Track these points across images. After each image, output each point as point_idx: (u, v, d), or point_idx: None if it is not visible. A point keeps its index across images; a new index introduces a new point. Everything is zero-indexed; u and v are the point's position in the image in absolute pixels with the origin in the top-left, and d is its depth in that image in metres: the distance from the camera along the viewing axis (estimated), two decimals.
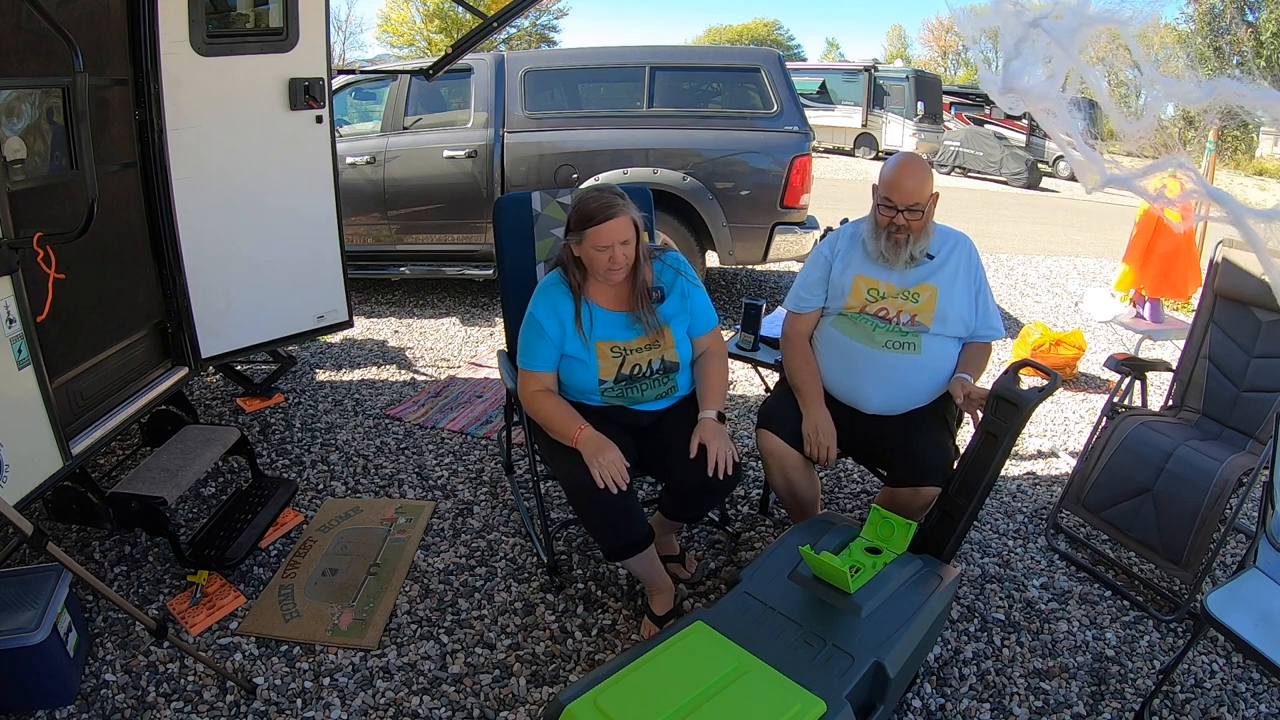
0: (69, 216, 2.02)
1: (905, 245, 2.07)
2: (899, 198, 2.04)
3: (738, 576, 1.73)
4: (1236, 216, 1.30)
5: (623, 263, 1.96)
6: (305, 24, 2.95)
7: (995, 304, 2.18)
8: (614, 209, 1.91)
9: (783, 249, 4.59)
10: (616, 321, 2.05)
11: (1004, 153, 14.24)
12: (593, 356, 2.03)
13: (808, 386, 2.17)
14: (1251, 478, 2.14)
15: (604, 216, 1.91)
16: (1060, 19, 1.29)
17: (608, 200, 1.93)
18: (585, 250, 1.96)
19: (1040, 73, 1.36)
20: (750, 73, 4.67)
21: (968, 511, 1.83)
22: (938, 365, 2.10)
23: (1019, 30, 1.33)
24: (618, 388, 2.06)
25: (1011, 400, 1.80)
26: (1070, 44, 1.28)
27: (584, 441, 1.91)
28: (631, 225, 1.95)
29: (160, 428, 2.72)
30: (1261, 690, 1.98)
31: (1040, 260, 7.14)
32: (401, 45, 24.60)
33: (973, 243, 2.19)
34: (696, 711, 1.34)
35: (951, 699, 1.91)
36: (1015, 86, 1.37)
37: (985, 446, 1.83)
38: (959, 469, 1.90)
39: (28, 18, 2.02)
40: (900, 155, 2.14)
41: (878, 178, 2.12)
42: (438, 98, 5.01)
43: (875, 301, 2.12)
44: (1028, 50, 1.34)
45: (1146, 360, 2.70)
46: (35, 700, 1.79)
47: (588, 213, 1.92)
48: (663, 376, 2.08)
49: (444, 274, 4.80)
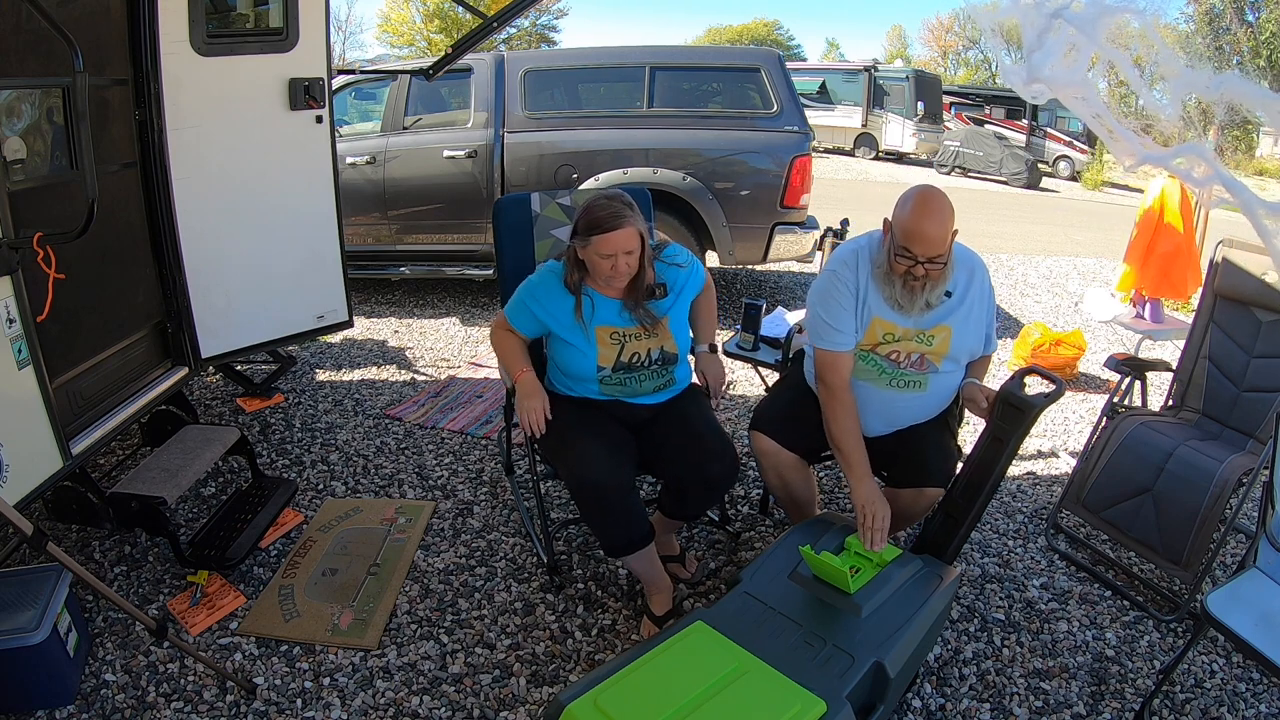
0: (69, 216, 2.02)
1: (922, 293, 1.91)
2: (921, 249, 1.83)
3: (738, 576, 1.73)
4: (1248, 207, 1.30)
5: (625, 271, 1.98)
6: (305, 24, 2.95)
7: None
8: (622, 219, 1.92)
9: (783, 249, 4.59)
10: (615, 307, 2.07)
11: (1004, 153, 14.24)
12: (592, 344, 2.04)
13: (856, 454, 1.92)
14: (1251, 478, 2.14)
15: (611, 226, 1.91)
16: (1080, 9, 1.31)
17: (616, 210, 1.93)
18: (589, 255, 1.97)
19: (1064, 62, 1.36)
20: (750, 73, 4.67)
21: (971, 513, 1.84)
22: (942, 397, 2.08)
23: (1041, 22, 1.34)
24: (616, 376, 2.07)
25: (1018, 405, 1.81)
26: (1094, 32, 1.29)
27: (522, 383, 2.04)
28: (638, 237, 1.96)
29: (160, 428, 2.72)
30: (1261, 690, 1.98)
31: (1040, 260, 7.14)
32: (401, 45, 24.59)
33: (985, 265, 2.06)
34: (696, 711, 1.34)
35: (951, 699, 1.91)
36: (1041, 76, 1.38)
37: (991, 449, 1.84)
38: (963, 470, 1.90)
39: (28, 18, 2.02)
40: (919, 194, 1.86)
41: (892, 214, 1.91)
42: (438, 98, 5.00)
43: (889, 344, 1.99)
44: (1050, 41, 1.35)
45: (1146, 360, 2.70)
46: (35, 700, 1.79)
47: (595, 220, 1.93)
48: (661, 368, 2.10)
49: (444, 274, 4.80)
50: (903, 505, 2.05)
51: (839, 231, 3.83)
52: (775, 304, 4.66)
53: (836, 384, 1.98)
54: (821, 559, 1.64)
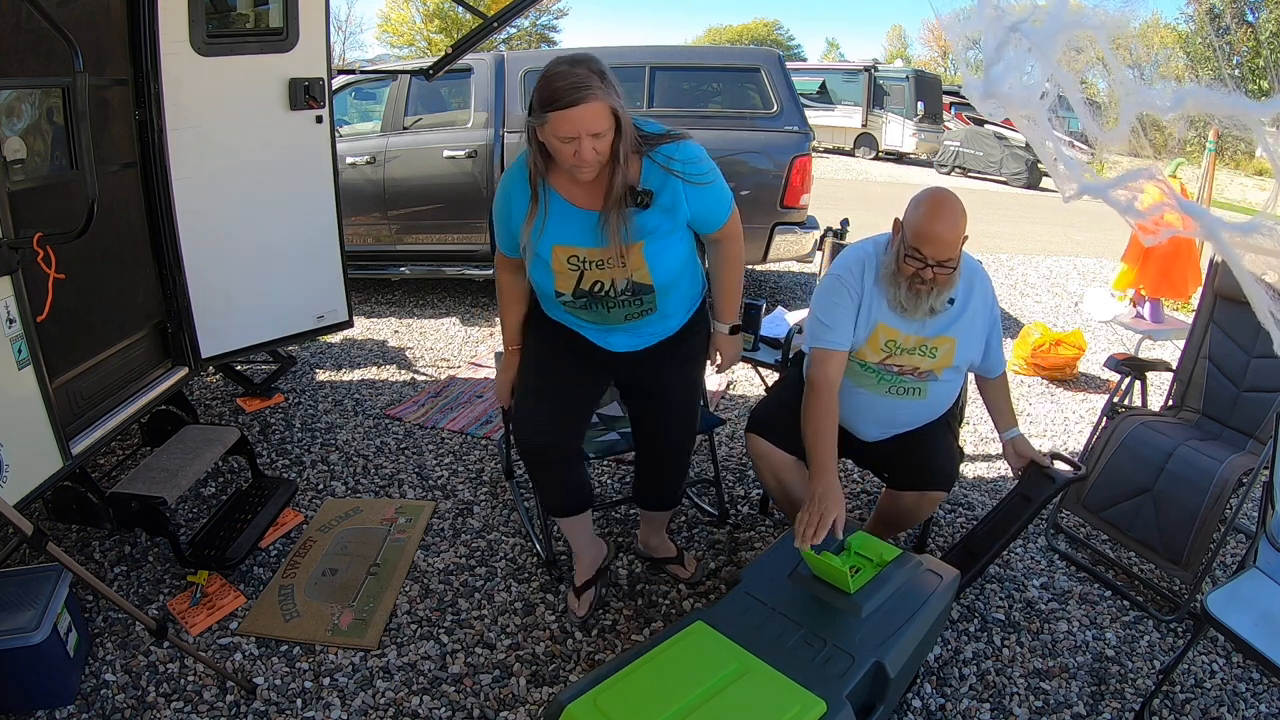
0: (69, 216, 2.02)
1: (927, 297, 1.88)
2: (932, 251, 1.80)
3: (738, 576, 1.73)
4: (1211, 230, 1.24)
5: (591, 159, 1.55)
6: (305, 24, 2.95)
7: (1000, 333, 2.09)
8: (583, 93, 1.48)
9: (783, 249, 4.59)
10: (579, 221, 1.67)
11: (1004, 153, 14.23)
12: (548, 262, 1.70)
13: (825, 457, 1.83)
14: (1251, 478, 2.14)
15: (569, 100, 1.48)
16: (1040, 23, 1.26)
17: (578, 80, 1.48)
18: (547, 137, 1.56)
19: (1020, 78, 1.32)
20: (750, 73, 4.67)
21: (990, 553, 1.99)
22: (940, 403, 2.08)
23: (1000, 34, 1.29)
24: (580, 301, 1.74)
25: (1049, 476, 2.08)
26: (1048, 49, 1.25)
27: (505, 359, 2.02)
28: (608, 114, 1.52)
29: (160, 428, 2.72)
30: (1261, 690, 1.98)
31: (1040, 260, 7.14)
32: (401, 45, 24.61)
33: (986, 274, 2.04)
34: (696, 712, 1.34)
35: (951, 699, 1.91)
36: (996, 92, 1.33)
37: (1019, 506, 2.04)
38: (990, 515, 2.07)
39: (28, 18, 2.02)
40: (933, 196, 1.85)
41: (904, 215, 1.89)
42: (438, 98, 5.01)
43: (891, 355, 1.97)
44: (1009, 54, 1.30)
45: (1146, 360, 2.70)
46: (35, 700, 1.79)
47: (551, 92, 1.49)
48: (633, 298, 1.74)
49: (444, 274, 4.80)
50: (905, 508, 2.05)
51: (839, 231, 3.82)
52: (775, 304, 4.66)
53: (821, 384, 1.93)
54: (822, 559, 1.64)
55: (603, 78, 1.52)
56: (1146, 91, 1.21)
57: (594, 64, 1.52)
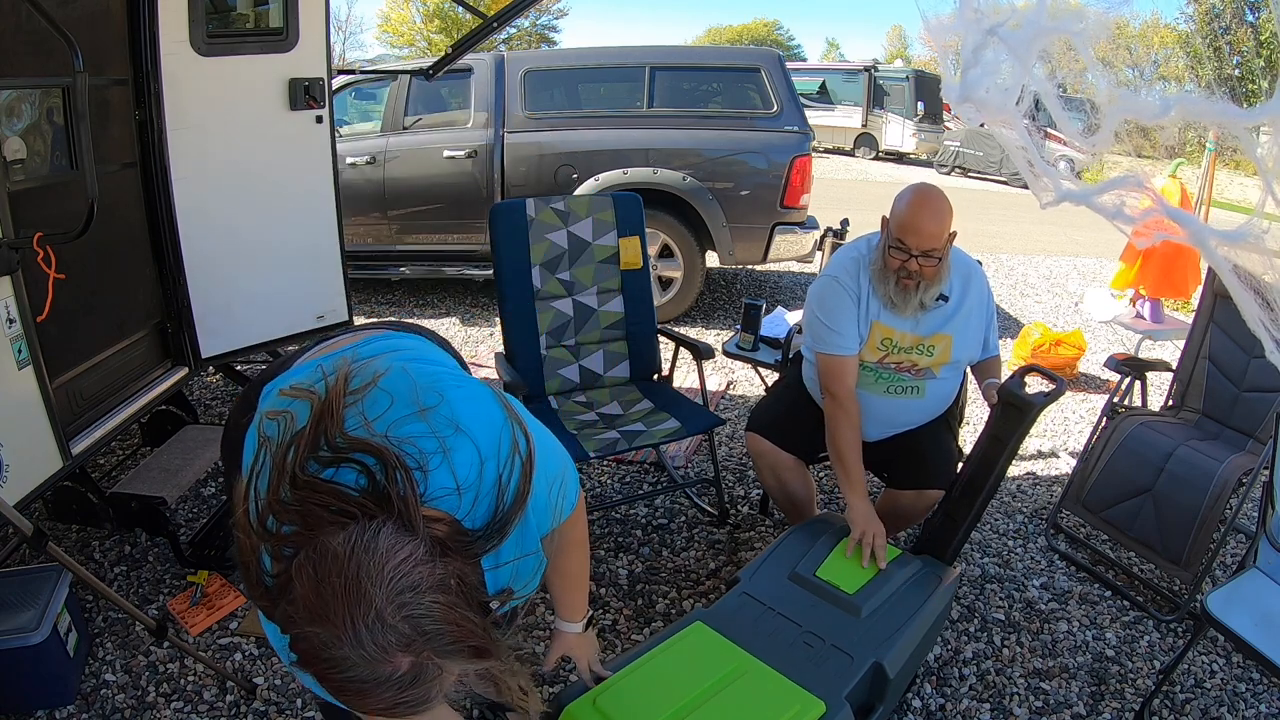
0: (69, 216, 2.02)
1: (915, 293, 1.89)
2: (915, 242, 1.83)
3: (737, 576, 1.73)
4: (1198, 238, 1.24)
5: None
6: (305, 24, 2.95)
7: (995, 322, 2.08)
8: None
9: (783, 249, 4.58)
10: None
11: (1004, 153, 14.21)
12: None
13: (856, 470, 1.89)
14: (1251, 478, 2.14)
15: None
16: (1018, 27, 1.24)
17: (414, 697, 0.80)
18: None
19: (997, 82, 1.31)
20: (750, 73, 4.67)
21: (971, 513, 1.83)
22: (939, 403, 2.07)
23: (978, 37, 1.27)
24: None
25: (1018, 405, 1.79)
26: (1025, 54, 1.23)
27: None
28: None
29: (160, 428, 2.72)
30: (1261, 690, 1.98)
31: (1040, 260, 7.14)
32: (401, 45, 24.59)
33: (982, 271, 2.05)
34: (696, 712, 1.34)
35: (951, 699, 1.91)
36: (972, 96, 1.31)
37: (991, 448, 1.83)
38: (963, 470, 1.89)
39: (28, 18, 2.02)
40: (917, 189, 1.89)
41: (890, 210, 1.92)
42: (438, 98, 5.00)
43: (889, 354, 1.98)
44: (986, 58, 1.29)
45: (1146, 360, 2.70)
46: (35, 700, 1.79)
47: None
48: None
49: (444, 274, 4.80)
50: (904, 507, 2.05)
51: (839, 231, 3.83)
52: (775, 304, 4.65)
53: (841, 393, 1.93)
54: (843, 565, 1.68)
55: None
56: (1132, 98, 1.20)
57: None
